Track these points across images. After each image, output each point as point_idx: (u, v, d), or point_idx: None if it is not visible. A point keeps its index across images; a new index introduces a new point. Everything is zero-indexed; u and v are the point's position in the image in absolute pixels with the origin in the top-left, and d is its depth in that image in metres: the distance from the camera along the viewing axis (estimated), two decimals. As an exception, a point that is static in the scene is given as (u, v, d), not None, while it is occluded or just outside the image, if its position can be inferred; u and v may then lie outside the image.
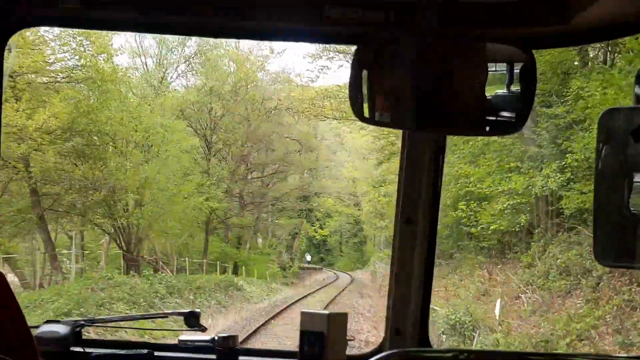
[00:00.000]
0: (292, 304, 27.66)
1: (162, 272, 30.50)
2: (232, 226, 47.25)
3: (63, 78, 26.79)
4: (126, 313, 13.99)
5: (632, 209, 1.79)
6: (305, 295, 33.37)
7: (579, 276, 16.50)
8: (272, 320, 22.26)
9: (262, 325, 20.87)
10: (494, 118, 1.99)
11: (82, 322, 2.96)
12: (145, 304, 20.78)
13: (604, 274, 15.74)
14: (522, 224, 20.61)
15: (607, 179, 1.90)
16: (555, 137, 19.15)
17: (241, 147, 43.59)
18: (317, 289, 39.44)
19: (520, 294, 18.04)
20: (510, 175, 20.77)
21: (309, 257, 66.48)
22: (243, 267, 44.86)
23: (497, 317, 16.94)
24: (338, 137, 68.02)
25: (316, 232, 66.25)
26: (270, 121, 46.62)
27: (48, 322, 2.96)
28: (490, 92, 1.95)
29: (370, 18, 2.23)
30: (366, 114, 1.94)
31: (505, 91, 1.97)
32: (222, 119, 42.27)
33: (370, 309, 27.95)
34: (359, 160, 68.75)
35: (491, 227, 21.60)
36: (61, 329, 2.89)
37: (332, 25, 2.31)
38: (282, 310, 25.21)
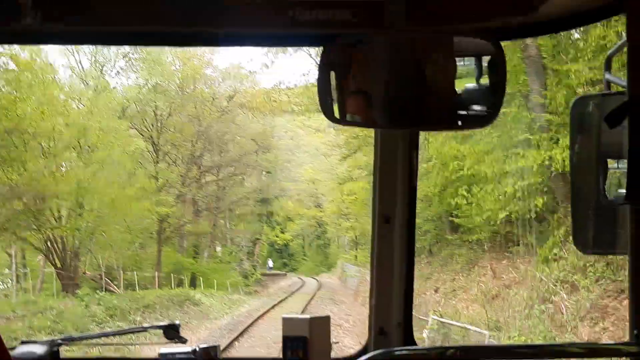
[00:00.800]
0: (258, 318, 23.85)
1: (108, 290, 26.43)
2: (187, 235, 43.12)
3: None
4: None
5: (607, 195, 1.79)
6: (272, 307, 29.58)
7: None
8: (236, 342, 18.42)
9: (226, 347, 17.03)
10: (466, 112, 1.90)
11: (59, 342, 2.88)
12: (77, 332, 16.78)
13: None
14: (538, 209, 16.96)
15: (582, 166, 1.90)
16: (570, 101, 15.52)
17: (192, 148, 39.40)
18: (284, 298, 35.70)
19: (551, 295, 14.40)
20: (517, 151, 17.09)
21: (271, 263, 63.57)
22: (201, 279, 40.90)
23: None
24: (296, 136, 65.08)
25: (277, 237, 63.69)
26: (223, 120, 42.66)
27: (24, 342, 2.87)
28: (460, 86, 1.90)
29: (338, 19, 2.13)
30: (337, 115, 1.87)
31: (475, 85, 1.91)
32: (169, 118, 38.08)
33: (348, 317, 24.28)
34: (319, 160, 66.26)
35: (500, 216, 17.93)
36: (38, 349, 2.80)
37: (300, 27, 2.22)
38: (246, 327, 21.33)
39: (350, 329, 19.79)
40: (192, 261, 42.82)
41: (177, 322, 2.93)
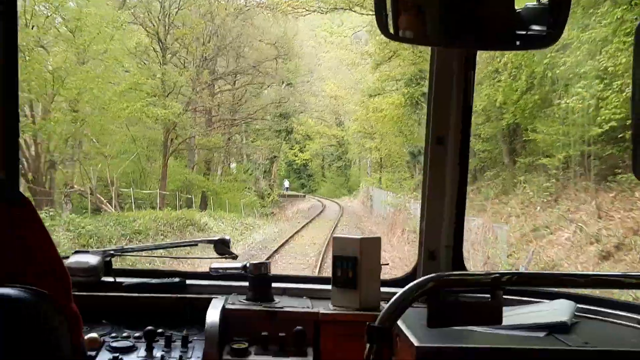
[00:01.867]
0: (274, 252, 18.89)
1: (99, 210, 21.48)
2: (198, 148, 37.88)
3: None
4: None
5: None
6: (292, 236, 24.57)
7: None
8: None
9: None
10: (525, 32, 1.75)
11: (112, 252, 2.94)
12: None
13: None
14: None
15: None
16: None
17: (203, 49, 33.64)
18: (305, 225, 30.62)
19: None
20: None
21: (287, 184, 60.05)
22: (212, 198, 36.09)
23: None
24: (320, 44, 59.27)
25: (296, 156, 59.37)
26: (240, 20, 36.73)
27: (77, 252, 2.91)
28: (520, 4, 1.77)
29: None
30: (391, 30, 1.73)
31: (535, 3, 1.77)
32: (178, 12, 32.18)
33: (390, 255, 19.03)
34: (343, 73, 60.99)
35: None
36: (91, 259, 2.83)
37: None
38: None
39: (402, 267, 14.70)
40: (203, 178, 37.87)
41: (227, 237, 2.89)
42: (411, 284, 1.55)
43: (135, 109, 24.70)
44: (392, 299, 1.53)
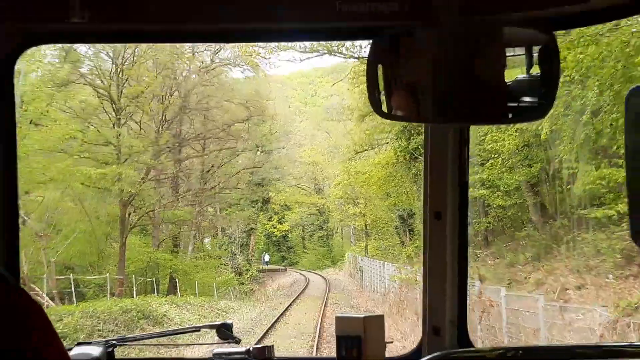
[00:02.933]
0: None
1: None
2: (164, 222, 32.93)
3: None
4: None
5: None
6: (273, 324, 19.50)
7: None
8: None
9: None
10: (517, 104, 1.82)
11: (114, 342, 2.85)
12: None
13: None
14: None
15: (638, 158, 1.72)
16: None
17: (162, 106, 29.07)
18: (288, 305, 25.49)
19: None
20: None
21: (267, 257, 55.35)
22: (179, 280, 31.08)
23: None
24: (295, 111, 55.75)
25: (275, 228, 55.45)
26: (207, 78, 32.54)
27: (79, 344, 2.89)
28: (511, 77, 1.83)
29: (385, 10, 2.13)
30: (385, 109, 1.80)
31: (526, 76, 1.83)
32: (133, 66, 27.65)
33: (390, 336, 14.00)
34: (320, 137, 57.67)
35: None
36: (94, 351, 2.79)
37: (346, 21, 2.23)
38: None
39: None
40: (170, 257, 32.75)
41: (229, 321, 2.86)
42: None
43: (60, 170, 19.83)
44: None
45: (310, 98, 75.13)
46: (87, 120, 25.85)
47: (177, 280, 32.14)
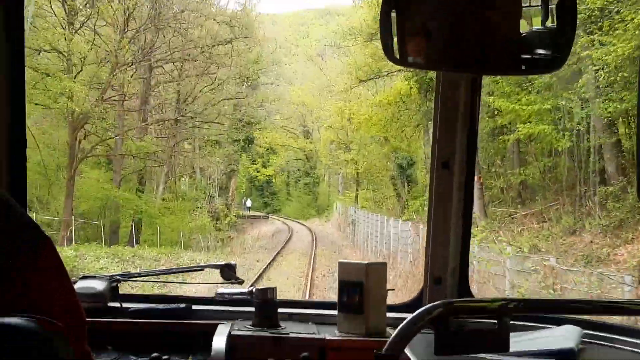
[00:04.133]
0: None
1: None
2: (129, 155, 27.54)
3: None
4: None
5: None
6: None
7: None
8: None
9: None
10: (530, 56, 1.71)
11: (118, 277, 2.90)
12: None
13: None
14: None
15: None
16: None
17: (122, 10, 23.24)
18: (267, 266, 20.38)
19: None
20: None
21: (249, 203, 51.18)
22: (141, 226, 26.13)
23: None
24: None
25: (258, 172, 51.31)
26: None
27: (84, 277, 2.90)
28: (526, 28, 1.72)
29: None
30: (397, 55, 1.69)
31: (541, 27, 1.71)
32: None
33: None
34: (313, 74, 52.60)
35: None
36: (98, 285, 2.82)
37: None
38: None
39: None
40: (133, 197, 27.56)
41: (233, 262, 2.89)
42: (419, 310, 1.52)
43: None
44: (400, 327, 1.48)
45: (301, 40, 70.96)
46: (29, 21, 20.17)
47: (140, 224, 27.18)
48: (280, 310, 2.73)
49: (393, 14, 1.67)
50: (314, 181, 56.31)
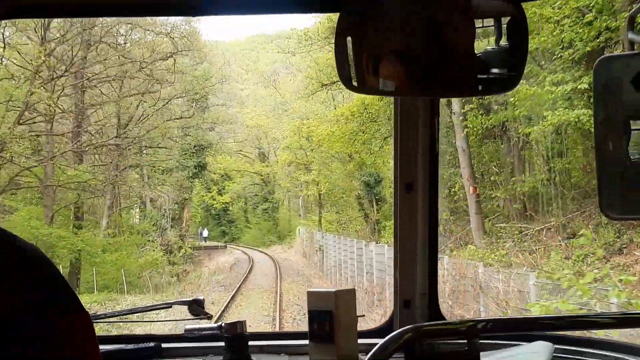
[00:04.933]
0: None
1: None
2: (61, 186, 23.84)
3: None
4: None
5: (632, 157, 1.68)
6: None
7: None
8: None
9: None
10: (486, 76, 1.74)
11: None
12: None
13: None
14: None
15: (606, 128, 1.74)
16: None
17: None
18: (225, 304, 17.01)
19: None
20: None
21: (205, 233, 48.34)
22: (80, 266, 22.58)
23: None
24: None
25: (214, 200, 49.13)
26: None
27: None
28: (480, 49, 1.73)
29: None
30: (354, 82, 1.68)
31: (494, 47, 1.75)
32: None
33: None
34: (266, 94, 50.04)
35: None
36: None
37: None
38: None
39: None
40: (70, 234, 23.87)
41: (201, 297, 2.78)
42: (388, 337, 1.54)
43: None
44: (370, 354, 1.51)
45: (252, 65, 69.01)
46: None
47: (79, 265, 23.56)
48: (251, 343, 2.64)
49: (349, 41, 1.64)
50: (272, 206, 53.69)
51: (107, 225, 29.66)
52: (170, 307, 2.96)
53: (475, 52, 1.66)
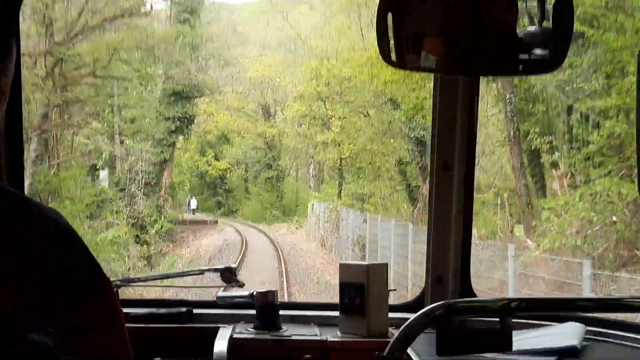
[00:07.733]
0: None
1: None
2: None
3: None
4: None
5: None
6: None
7: None
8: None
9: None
10: (527, 57, 1.70)
11: (119, 282, 2.83)
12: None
13: None
14: None
15: None
16: None
17: None
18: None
19: None
20: None
21: (194, 204, 40.32)
22: None
23: None
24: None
25: (209, 165, 42.21)
26: None
27: None
28: (521, 29, 1.71)
29: None
30: (394, 58, 1.68)
31: (537, 28, 1.71)
32: None
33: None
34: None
35: None
36: None
37: None
38: None
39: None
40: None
41: (234, 265, 2.84)
42: (420, 312, 1.55)
43: None
44: (401, 328, 1.50)
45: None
46: None
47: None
48: (281, 312, 2.70)
49: (389, 17, 1.63)
50: (277, 175, 44.15)
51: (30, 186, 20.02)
52: (203, 273, 3.00)
53: (518, 32, 1.60)
